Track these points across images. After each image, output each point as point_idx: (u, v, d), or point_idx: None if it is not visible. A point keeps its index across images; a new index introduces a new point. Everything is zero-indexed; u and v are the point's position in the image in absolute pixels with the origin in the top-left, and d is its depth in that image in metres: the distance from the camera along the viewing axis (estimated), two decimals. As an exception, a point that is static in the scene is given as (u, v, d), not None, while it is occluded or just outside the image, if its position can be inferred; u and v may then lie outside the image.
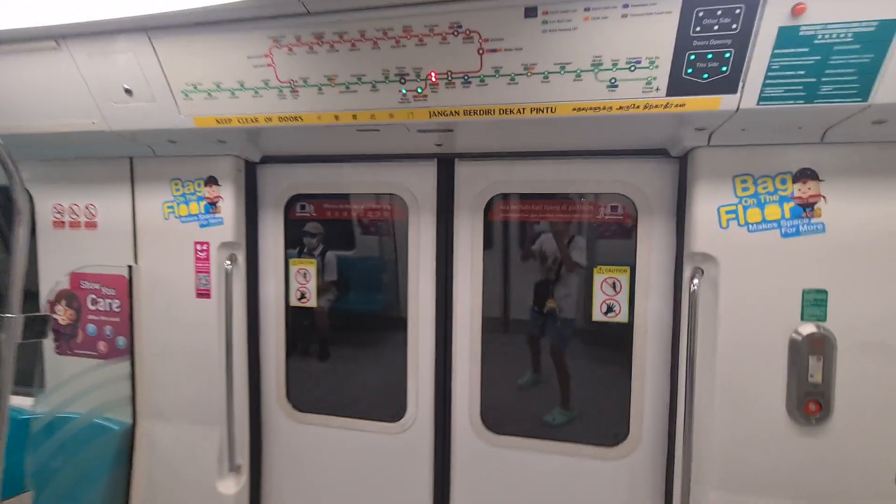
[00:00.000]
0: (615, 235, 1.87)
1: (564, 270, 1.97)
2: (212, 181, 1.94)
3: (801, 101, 1.26)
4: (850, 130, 1.40)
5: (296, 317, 2.18)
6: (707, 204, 1.56)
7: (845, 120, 1.34)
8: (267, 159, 2.05)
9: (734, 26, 1.20)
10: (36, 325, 1.64)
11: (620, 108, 1.36)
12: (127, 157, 2.01)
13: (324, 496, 2.13)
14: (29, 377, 2.35)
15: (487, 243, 1.95)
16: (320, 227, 2.19)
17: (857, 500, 1.51)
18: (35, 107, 1.72)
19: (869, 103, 1.23)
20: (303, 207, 2.12)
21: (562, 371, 2.05)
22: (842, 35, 1.17)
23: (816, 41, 1.19)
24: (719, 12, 1.20)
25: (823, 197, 1.48)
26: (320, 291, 2.16)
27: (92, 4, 1.45)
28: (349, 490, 2.10)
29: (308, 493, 2.15)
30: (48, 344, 2.20)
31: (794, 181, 1.50)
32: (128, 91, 1.63)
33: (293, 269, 2.13)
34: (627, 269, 1.81)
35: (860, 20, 1.15)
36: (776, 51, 1.21)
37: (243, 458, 2.08)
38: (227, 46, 1.48)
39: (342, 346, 2.38)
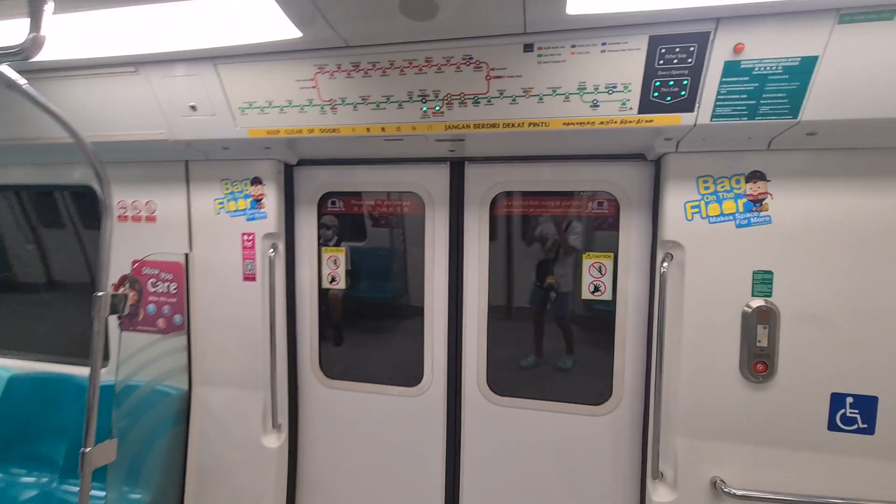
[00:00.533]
0: (602, 227, 2.20)
1: (563, 252, 2.28)
2: (257, 181, 2.27)
3: (745, 118, 1.58)
4: (790, 140, 1.71)
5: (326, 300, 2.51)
6: (676, 200, 1.87)
7: (784, 132, 1.65)
8: (302, 162, 2.38)
9: (689, 60, 1.51)
10: (117, 302, 2.01)
11: (601, 123, 1.68)
12: (183, 160, 2.34)
13: (351, 449, 2.48)
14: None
15: (493, 234, 2.28)
16: (335, 219, 2.51)
17: (795, 444, 1.84)
18: (114, 120, 2.05)
19: (798, 120, 1.55)
20: (333, 203, 2.45)
21: (565, 328, 2.36)
22: (774, 67, 1.48)
23: (754, 72, 1.50)
24: (677, 49, 1.51)
25: (770, 194, 1.80)
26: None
27: (167, 38, 1.77)
28: (373, 444, 2.45)
29: (338, 447, 2.50)
30: (112, 322, 2.54)
31: (747, 181, 1.81)
32: (192, 107, 1.96)
33: (325, 256, 2.47)
34: (611, 254, 2.14)
35: (787, 56, 1.46)
36: (723, 79, 1.52)
37: (283, 418, 2.43)
38: (279, 72, 1.80)
39: (361, 326, 2.71)
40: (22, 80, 1.51)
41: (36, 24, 1.36)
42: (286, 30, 1.59)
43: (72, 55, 1.84)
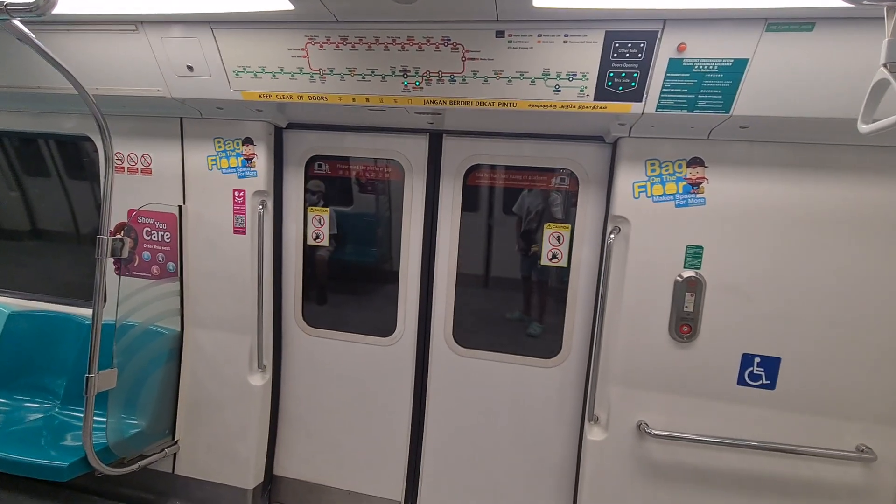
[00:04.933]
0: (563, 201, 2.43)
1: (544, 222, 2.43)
2: (248, 141, 2.43)
3: (686, 110, 1.80)
4: (726, 132, 1.93)
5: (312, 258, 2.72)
6: (626, 179, 2.11)
7: (720, 124, 1.87)
8: (292, 125, 2.53)
9: (639, 55, 1.71)
10: (117, 246, 2.21)
11: (562, 106, 1.88)
12: (178, 117, 2.48)
13: (328, 390, 2.75)
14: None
15: (467, 202, 2.49)
16: (322, 185, 2.69)
17: (709, 395, 2.15)
18: (114, 75, 2.17)
19: (730, 114, 1.77)
20: (319, 166, 2.63)
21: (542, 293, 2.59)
22: (711, 66, 1.69)
23: (694, 69, 1.71)
24: (629, 44, 1.70)
25: (707, 179, 2.04)
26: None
27: (167, 0, 1.89)
28: (348, 387, 2.72)
29: (317, 388, 2.77)
30: (109, 266, 2.73)
31: (688, 166, 2.05)
32: (189, 67, 2.09)
33: (310, 215, 2.66)
34: (569, 226, 2.38)
35: (722, 57, 1.67)
36: (668, 74, 1.73)
37: (267, 360, 2.68)
38: (272, 40, 1.94)
39: (343, 283, 2.93)
40: (31, 34, 1.65)
41: (49, -17, 1.49)
42: (280, 2, 1.73)
43: (76, 10, 1.94)
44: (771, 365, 2.09)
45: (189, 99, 2.22)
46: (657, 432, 2.16)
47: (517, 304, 2.64)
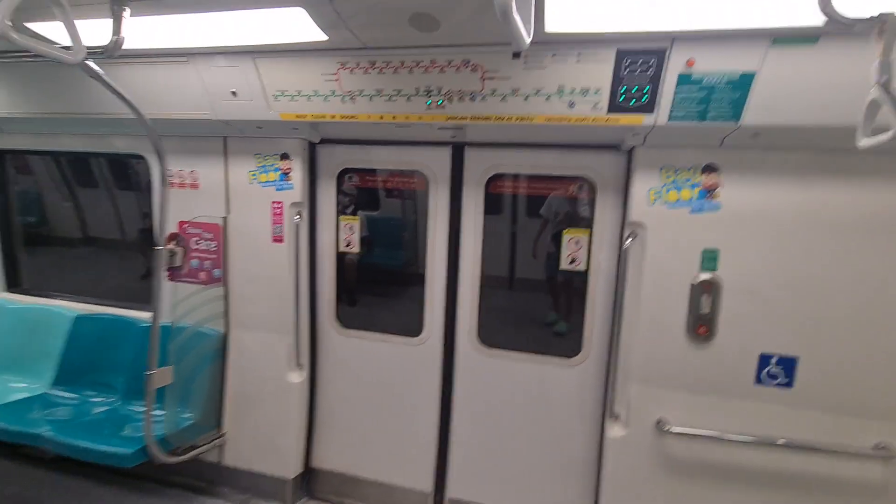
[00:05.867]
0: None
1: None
2: (285, 157, 2.64)
3: (696, 120, 1.88)
4: (738, 139, 2.00)
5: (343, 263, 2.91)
6: (641, 186, 2.19)
7: (731, 133, 1.94)
8: (324, 141, 2.72)
9: (649, 71, 1.81)
10: (173, 256, 2.44)
11: (577, 120, 1.99)
12: (222, 136, 2.71)
13: (361, 387, 2.93)
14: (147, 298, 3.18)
15: (487, 209, 2.62)
16: (352, 189, 2.87)
17: (727, 394, 2.21)
18: (167, 101, 2.41)
19: (740, 124, 1.84)
20: (350, 178, 2.81)
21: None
22: (719, 80, 1.77)
23: (703, 83, 1.79)
24: (640, 62, 1.80)
25: (721, 185, 2.10)
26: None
27: (215, 35, 2.09)
28: (379, 383, 2.89)
29: (350, 385, 2.95)
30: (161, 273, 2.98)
31: (702, 173, 2.12)
32: (233, 93, 2.31)
33: (342, 223, 2.85)
34: (588, 230, 2.48)
35: (730, 70, 1.75)
36: (678, 87, 1.82)
37: (304, 359, 2.88)
38: (308, 67, 2.13)
39: (374, 286, 3.11)
40: (101, 72, 1.88)
41: (117, 28, 1.72)
42: (315, 33, 1.91)
43: (135, 45, 2.17)
44: (788, 364, 2.14)
45: (233, 121, 2.44)
46: (676, 429, 2.23)
47: (539, 305, 2.75)
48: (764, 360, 2.16)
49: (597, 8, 1.61)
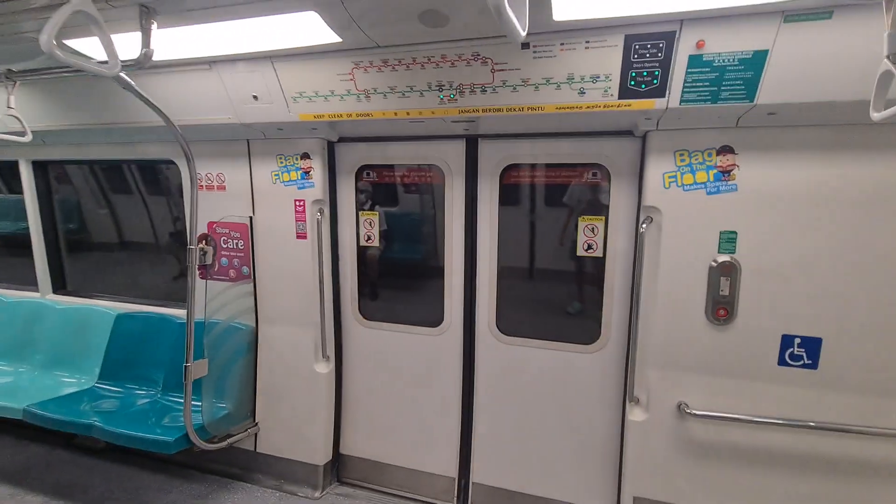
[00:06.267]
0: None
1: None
2: (305, 156, 2.73)
3: (709, 102, 1.87)
4: (754, 118, 1.98)
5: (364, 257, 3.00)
6: (656, 171, 2.19)
7: (747, 112, 1.93)
8: (343, 139, 2.81)
9: (659, 55, 1.81)
10: (205, 255, 2.57)
11: (587, 107, 2.01)
12: (245, 139, 2.82)
13: (385, 376, 3.02)
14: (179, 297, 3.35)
15: (502, 199, 2.65)
16: (369, 185, 2.95)
17: (749, 376, 2.20)
18: (193, 107, 2.53)
19: (755, 103, 1.83)
20: (368, 174, 2.89)
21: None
22: (731, 59, 1.76)
23: (715, 63, 1.78)
24: (649, 45, 1.81)
25: (737, 165, 2.09)
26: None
27: (235, 42, 2.18)
28: (402, 373, 2.98)
29: (374, 374, 3.05)
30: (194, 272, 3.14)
31: (718, 154, 2.10)
32: (255, 97, 2.41)
33: (362, 218, 2.93)
34: (603, 217, 2.49)
35: (741, 50, 1.73)
36: (689, 70, 1.82)
37: (330, 350, 2.99)
38: (324, 68, 2.21)
39: (394, 279, 3.19)
40: (133, 83, 2.00)
41: (146, 41, 1.83)
42: (329, 35, 1.98)
43: (162, 56, 2.29)
44: (812, 345, 2.11)
45: (255, 123, 2.54)
46: (697, 412, 2.24)
47: (556, 293, 2.78)
48: (787, 341, 2.14)
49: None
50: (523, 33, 1.05)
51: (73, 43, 2.10)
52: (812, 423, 2.11)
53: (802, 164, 2.01)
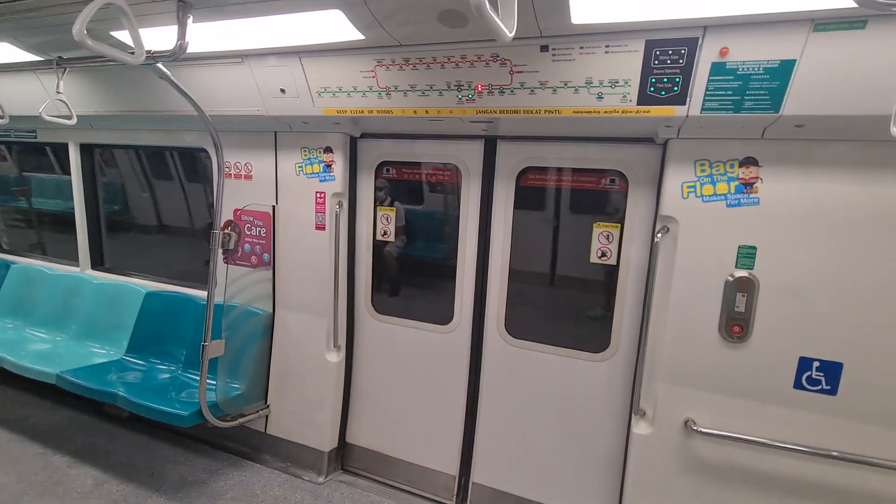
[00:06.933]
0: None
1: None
2: (328, 150, 2.81)
3: (731, 111, 1.82)
4: (781, 130, 1.91)
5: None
6: (674, 180, 2.14)
7: (773, 124, 1.86)
8: (364, 135, 2.87)
9: (681, 61, 1.78)
10: (227, 239, 2.68)
11: (605, 112, 1.98)
12: (272, 131, 2.93)
13: (393, 370, 3.07)
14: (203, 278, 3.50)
15: (518, 202, 2.65)
16: (388, 182, 2.99)
17: (762, 397, 2.12)
18: (224, 99, 2.65)
19: (780, 114, 1.76)
20: (387, 170, 2.95)
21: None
22: (756, 68, 1.71)
23: (739, 72, 1.73)
24: (670, 51, 1.77)
25: (761, 179, 2.02)
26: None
27: (265, 37, 2.27)
28: (411, 367, 3.01)
29: (383, 367, 3.10)
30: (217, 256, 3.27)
31: (740, 166, 2.04)
32: (282, 90, 2.50)
33: (379, 214, 2.99)
34: (619, 225, 2.45)
35: (767, 59, 1.68)
36: (711, 77, 1.77)
37: (342, 340, 3.06)
38: (347, 65, 2.27)
39: (408, 275, 3.23)
40: (169, 73, 2.11)
41: (182, 33, 1.94)
42: (352, 33, 2.04)
43: (197, 49, 2.41)
44: (832, 370, 2.02)
45: (282, 116, 2.64)
46: (705, 430, 2.17)
47: (566, 298, 2.75)
48: (804, 364, 2.05)
49: (624, -2, 1.61)
50: (510, 35, 1.06)
51: (119, 34, 2.24)
52: (835, 453, 2.00)
53: (831, 180, 1.92)
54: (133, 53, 1.69)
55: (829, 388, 2.03)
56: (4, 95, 2.98)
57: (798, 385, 2.07)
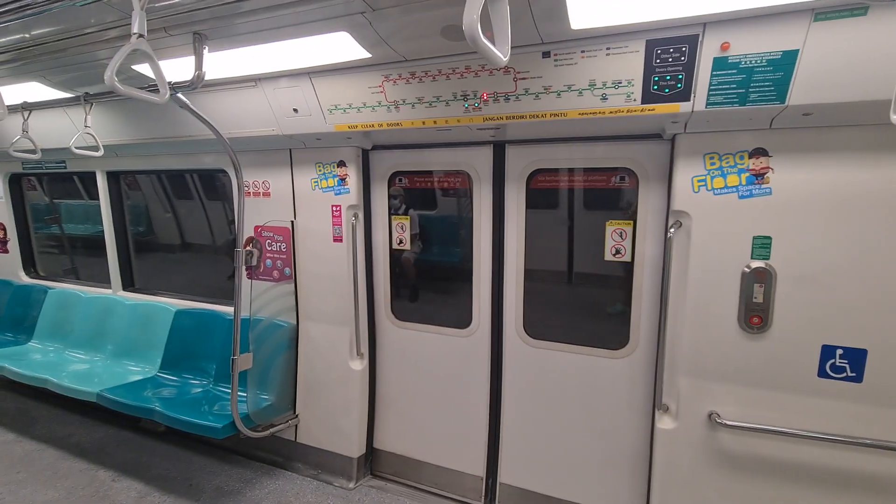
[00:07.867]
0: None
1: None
2: (342, 164, 2.89)
3: (737, 104, 1.83)
4: (789, 120, 1.91)
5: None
6: (684, 174, 2.15)
7: (780, 114, 1.86)
8: (376, 147, 2.95)
9: (682, 58, 1.80)
10: (250, 256, 2.78)
11: (610, 112, 2.01)
12: (287, 149, 3.03)
13: (416, 375, 3.13)
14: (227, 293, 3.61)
15: (529, 203, 2.68)
16: (401, 191, 3.06)
17: (785, 387, 2.11)
18: (240, 121, 2.75)
19: (787, 105, 1.77)
20: (400, 180, 3.02)
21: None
22: (758, 61, 1.72)
23: (741, 65, 1.75)
24: (671, 49, 1.80)
25: (771, 168, 2.01)
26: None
27: (277, 61, 2.36)
28: (433, 373, 3.07)
29: (406, 373, 3.16)
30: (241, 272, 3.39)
31: (750, 157, 2.04)
32: (295, 110, 2.59)
33: (394, 223, 3.06)
34: (632, 222, 2.47)
35: (769, 51, 1.69)
36: (714, 72, 1.79)
37: (364, 349, 3.13)
38: (356, 82, 2.35)
39: (426, 282, 3.29)
40: (188, 102, 2.22)
41: (199, 63, 2.04)
42: (360, 52, 2.11)
43: (213, 76, 2.53)
44: (856, 357, 2.00)
45: (296, 134, 2.73)
46: (729, 423, 2.17)
47: (586, 297, 2.78)
48: (828, 352, 2.03)
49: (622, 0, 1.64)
50: (505, 59, 1.11)
51: (140, 67, 2.36)
52: (868, 441, 1.97)
53: (843, 165, 1.91)
54: (158, 91, 1.79)
55: (854, 375, 2.01)
56: (36, 131, 3.15)
57: (822, 373, 2.05)
